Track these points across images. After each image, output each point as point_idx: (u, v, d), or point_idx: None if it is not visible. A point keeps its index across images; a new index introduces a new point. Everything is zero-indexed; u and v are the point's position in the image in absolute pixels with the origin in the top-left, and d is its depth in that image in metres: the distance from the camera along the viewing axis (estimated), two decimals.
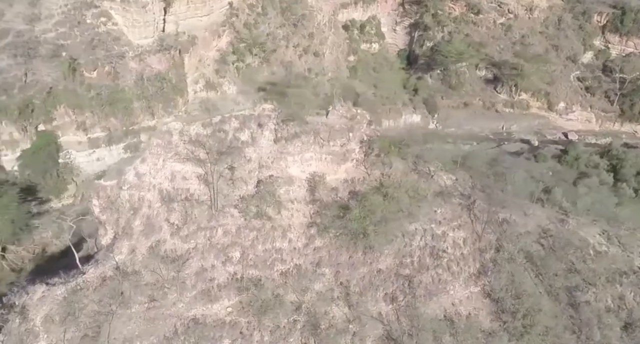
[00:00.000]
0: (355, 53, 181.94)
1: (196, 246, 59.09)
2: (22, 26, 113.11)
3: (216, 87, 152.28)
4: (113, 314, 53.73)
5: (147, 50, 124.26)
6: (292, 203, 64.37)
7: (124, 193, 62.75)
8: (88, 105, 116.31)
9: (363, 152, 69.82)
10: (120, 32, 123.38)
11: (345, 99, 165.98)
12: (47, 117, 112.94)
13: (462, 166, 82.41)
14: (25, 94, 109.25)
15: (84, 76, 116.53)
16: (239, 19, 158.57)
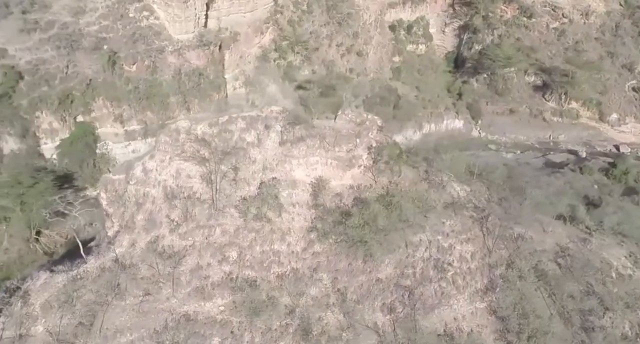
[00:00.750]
0: (401, 54, 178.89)
1: (194, 244, 59.35)
2: (67, 18, 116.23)
3: (255, 84, 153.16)
4: (108, 305, 54.72)
5: (186, 46, 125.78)
6: (293, 207, 63.55)
7: (130, 188, 63.71)
8: (126, 98, 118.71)
9: (372, 158, 68.16)
10: (161, 27, 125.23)
11: (386, 100, 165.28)
12: (85, 108, 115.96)
13: (479, 177, 79.26)
14: (65, 85, 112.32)
15: (124, 69, 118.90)
16: (283, 16, 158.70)
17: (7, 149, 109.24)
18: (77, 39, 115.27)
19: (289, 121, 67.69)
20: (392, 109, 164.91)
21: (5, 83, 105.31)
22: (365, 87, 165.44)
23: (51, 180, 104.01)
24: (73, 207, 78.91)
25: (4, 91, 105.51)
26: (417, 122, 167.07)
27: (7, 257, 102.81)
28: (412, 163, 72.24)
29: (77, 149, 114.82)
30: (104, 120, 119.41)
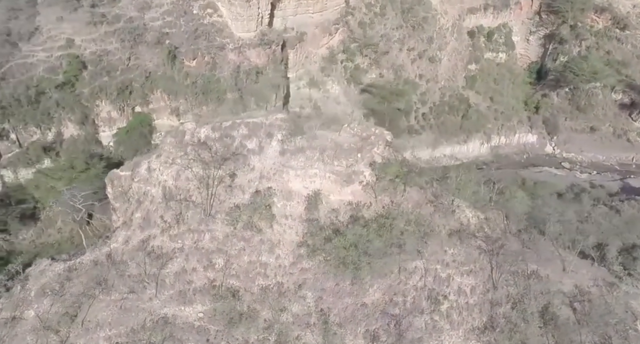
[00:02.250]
0: (477, 62, 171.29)
1: (182, 247, 59.01)
2: (134, 13, 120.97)
3: (319, 85, 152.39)
4: (94, 298, 55.63)
5: (247, 44, 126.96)
6: (285, 219, 61.29)
7: (135, 185, 64.63)
8: (183, 92, 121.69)
9: (375, 175, 64.01)
10: (224, 24, 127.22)
11: (455, 109, 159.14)
12: (144, 100, 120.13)
13: (496, 204, 71.93)
14: (126, 76, 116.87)
15: (183, 64, 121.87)
16: (354, 18, 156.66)
17: (67, 134, 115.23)
18: (141, 33, 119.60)
19: (291, 130, 65.59)
20: (460, 119, 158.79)
21: (69, 71, 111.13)
22: (434, 95, 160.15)
23: (103, 167, 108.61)
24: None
25: (68, 79, 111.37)
26: (485, 134, 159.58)
27: (60, 236, 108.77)
28: (419, 183, 67.08)
29: (132, 139, 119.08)
30: (161, 112, 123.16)
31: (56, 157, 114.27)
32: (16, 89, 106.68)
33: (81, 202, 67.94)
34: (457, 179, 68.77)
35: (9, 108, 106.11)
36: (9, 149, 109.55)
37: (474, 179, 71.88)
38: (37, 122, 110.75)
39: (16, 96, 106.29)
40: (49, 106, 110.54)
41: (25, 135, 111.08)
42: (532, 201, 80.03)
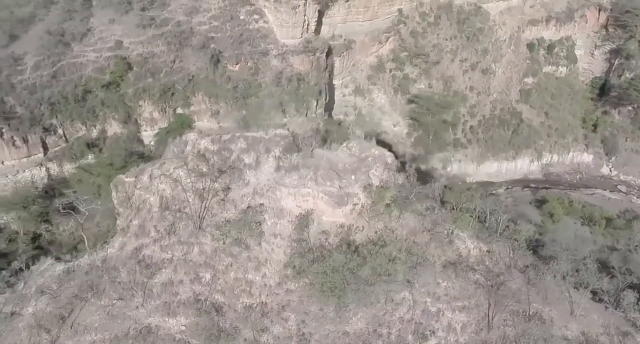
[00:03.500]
0: (535, 75, 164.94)
1: (172, 259, 59.77)
2: (182, 17, 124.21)
3: (365, 93, 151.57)
4: (87, 302, 57.51)
5: (291, 51, 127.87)
6: (275, 238, 60.55)
7: (137, 192, 66.14)
8: (224, 96, 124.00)
9: (371, 199, 61.69)
10: (269, 31, 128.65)
11: (505, 124, 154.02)
12: (185, 102, 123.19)
13: (501, 236, 66.93)
14: (169, 79, 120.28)
15: (227, 69, 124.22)
16: (407, 27, 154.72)
17: (111, 132, 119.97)
18: (188, 37, 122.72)
19: (288, 147, 64.76)
20: (510, 134, 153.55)
21: (116, 72, 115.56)
22: (485, 108, 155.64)
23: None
24: None
25: (114, 79, 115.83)
26: (537, 151, 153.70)
27: (98, 230, 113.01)
28: (418, 210, 64.05)
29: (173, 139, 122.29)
30: (202, 115, 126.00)
31: (99, 153, 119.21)
32: (65, 87, 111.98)
33: (84, 206, 70.00)
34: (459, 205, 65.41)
35: (57, 105, 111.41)
36: (56, 143, 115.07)
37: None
38: (83, 120, 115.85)
39: (65, 94, 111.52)
40: (95, 104, 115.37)
41: (72, 131, 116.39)
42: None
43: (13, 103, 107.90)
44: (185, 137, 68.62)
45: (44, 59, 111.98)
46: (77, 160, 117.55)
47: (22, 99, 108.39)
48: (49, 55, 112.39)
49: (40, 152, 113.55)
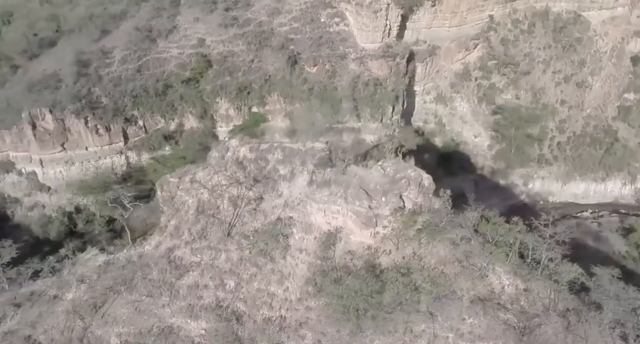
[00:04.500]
0: (637, 91, 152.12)
1: (200, 262, 60.28)
2: (264, 18, 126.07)
3: (447, 101, 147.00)
4: (119, 295, 59.56)
5: (370, 55, 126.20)
6: (300, 252, 58.91)
7: (178, 193, 67.31)
8: (299, 97, 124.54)
9: (402, 222, 57.92)
10: (349, 34, 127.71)
11: (597, 142, 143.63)
12: (260, 101, 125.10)
13: (542, 274, 59.39)
14: (246, 77, 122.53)
15: (303, 70, 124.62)
16: (497, 34, 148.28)
17: (187, 126, 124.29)
18: (267, 37, 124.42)
19: (322, 161, 62.67)
20: (602, 153, 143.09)
21: (196, 69, 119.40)
22: (576, 123, 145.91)
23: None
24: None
25: (194, 75, 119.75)
26: (630, 174, 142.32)
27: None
28: (451, 238, 59.25)
29: None
30: (276, 114, 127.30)
31: (175, 145, 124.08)
32: (147, 81, 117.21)
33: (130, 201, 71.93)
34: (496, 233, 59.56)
35: (139, 97, 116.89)
36: (136, 133, 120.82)
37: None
38: (162, 112, 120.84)
39: (146, 87, 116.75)
40: (174, 98, 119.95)
41: (151, 122, 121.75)
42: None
43: (99, 93, 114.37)
44: (227, 142, 69.03)
45: (130, 53, 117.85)
46: (155, 150, 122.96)
47: (107, 90, 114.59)
48: (135, 50, 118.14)
49: (121, 141, 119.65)
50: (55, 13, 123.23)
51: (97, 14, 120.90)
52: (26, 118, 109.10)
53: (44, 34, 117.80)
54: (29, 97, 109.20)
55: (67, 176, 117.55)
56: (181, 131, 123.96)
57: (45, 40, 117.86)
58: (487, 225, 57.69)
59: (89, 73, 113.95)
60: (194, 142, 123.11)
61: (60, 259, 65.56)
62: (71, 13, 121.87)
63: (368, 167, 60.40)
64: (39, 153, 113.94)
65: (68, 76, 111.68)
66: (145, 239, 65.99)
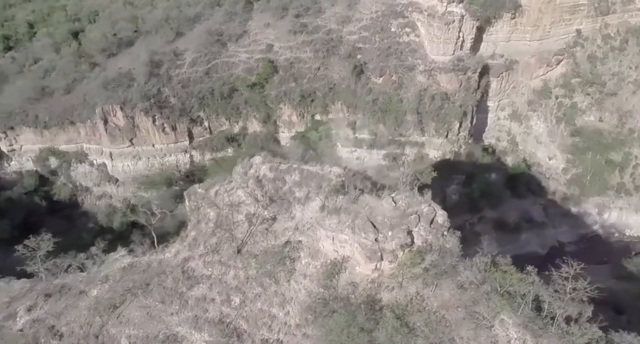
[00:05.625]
0: None
1: (210, 275, 60.44)
2: (333, 25, 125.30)
3: (522, 119, 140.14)
4: (136, 297, 61.21)
5: (439, 67, 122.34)
6: (304, 278, 57.24)
7: (203, 204, 67.90)
8: (362, 107, 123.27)
9: (409, 258, 54.24)
10: (419, 45, 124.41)
11: None
12: (323, 109, 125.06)
13: (558, 329, 52.48)
14: (311, 85, 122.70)
15: (369, 80, 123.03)
16: (584, 50, 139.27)
17: (251, 129, 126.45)
18: (335, 45, 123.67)
19: (336, 188, 60.33)
20: None
21: (262, 74, 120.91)
22: None
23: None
24: None
25: (259, 80, 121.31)
26: None
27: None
28: (459, 281, 54.45)
29: (307, 143, 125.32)
30: (339, 123, 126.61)
31: (238, 147, 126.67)
32: (215, 84, 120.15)
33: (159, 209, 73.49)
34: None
35: (205, 99, 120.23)
36: (201, 133, 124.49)
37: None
38: (227, 115, 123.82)
39: (212, 90, 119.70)
40: (239, 102, 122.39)
41: (216, 124, 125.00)
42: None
43: (168, 93, 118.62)
44: (251, 159, 68.96)
45: (200, 56, 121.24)
46: (218, 151, 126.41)
47: (176, 90, 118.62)
48: (205, 53, 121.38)
49: (186, 140, 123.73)
50: (135, 14, 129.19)
51: (172, 17, 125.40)
52: (99, 114, 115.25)
53: (123, 34, 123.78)
54: (104, 93, 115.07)
55: (133, 170, 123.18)
56: (244, 134, 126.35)
57: (123, 40, 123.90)
58: (496, 273, 53.48)
59: (160, 73, 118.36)
60: (255, 146, 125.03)
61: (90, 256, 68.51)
62: (149, 14, 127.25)
63: (381, 197, 57.81)
64: (109, 147, 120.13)
65: (140, 76, 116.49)
66: (167, 246, 67.62)
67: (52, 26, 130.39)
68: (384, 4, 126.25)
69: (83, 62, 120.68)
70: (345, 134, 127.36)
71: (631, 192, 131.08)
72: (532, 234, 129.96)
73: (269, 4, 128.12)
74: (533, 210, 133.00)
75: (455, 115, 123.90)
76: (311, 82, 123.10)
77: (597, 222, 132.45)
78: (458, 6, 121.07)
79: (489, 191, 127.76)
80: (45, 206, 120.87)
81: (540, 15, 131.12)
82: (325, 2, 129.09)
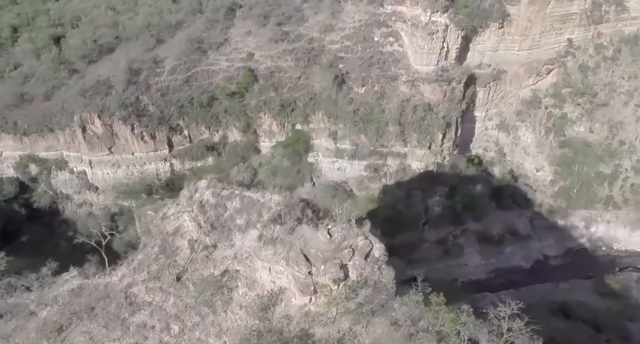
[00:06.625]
0: None
1: (151, 302, 59.51)
2: (316, 34, 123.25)
3: (510, 129, 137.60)
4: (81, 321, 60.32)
5: (422, 78, 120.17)
6: (240, 308, 56.15)
7: (150, 227, 66.91)
8: (344, 117, 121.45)
9: (343, 292, 52.49)
10: (402, 55, 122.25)
11: None
12: (304, 119, 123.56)
13: None
14: (291, 94, 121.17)
15: (351, 90, 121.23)
16: (575, 60, 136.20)
17: (231, 138, 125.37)
18: (317, 54, 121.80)
19: (275, 217, 58.65)
20: None
21: (241, 83, 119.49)
22: None
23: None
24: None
25: (239, 89, 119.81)
26: None
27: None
28: (393, 318, 52.50)
29: (288, 153, 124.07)
30: (320, 133, 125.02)
31: (218, 156, 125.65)
32: (194, 92, 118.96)
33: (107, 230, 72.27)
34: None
35: (185, 108, 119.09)
36: (181, 142, 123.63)
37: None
38: (207, 124, 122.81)
39: (192, 99, 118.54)
40: (219, 111, 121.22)
41: (196, 133, 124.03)
42: None
43: (146, 102, 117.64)
44: (197, 183, 67.62)
45: (180, 64, 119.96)
46: (198, 160, 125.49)
47: (155, 99, 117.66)
48: (185, 61, 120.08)
49: (166, 149, 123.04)
50: (117, 20, 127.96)
51: (153, 23, 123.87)
52: (77, 121, 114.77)
53: (104, 40, 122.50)
54: (82, 101, 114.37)
55: (113, 178, 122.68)
56: (224, 143, 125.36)
57: (104, 46, 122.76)
58: (429, 312, 51.69)
59: (139, 81, 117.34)
60: (236, 155, 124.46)
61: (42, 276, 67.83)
62: (130, 21, 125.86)
63: (318, 228, 56.12)
64: (88, 155, 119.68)
65: (119, 83, 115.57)
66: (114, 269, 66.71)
67: (35, 31, 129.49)
68: (367, 13, 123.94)
69: (62, 69, 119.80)
70: (326, 144, 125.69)
71: (619, 205, 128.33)
72: (516, 247, 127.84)
73: (251, 12, 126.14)
74: (518, 222, 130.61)
75: (438, 126, 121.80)
76: (292, 92, 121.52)
77: (584, 235, 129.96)
78: (442, 16, 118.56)
79: (472, 203, 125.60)
80: (25, 214, 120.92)
81: (530, 24, 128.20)
82: (308, 11, 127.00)
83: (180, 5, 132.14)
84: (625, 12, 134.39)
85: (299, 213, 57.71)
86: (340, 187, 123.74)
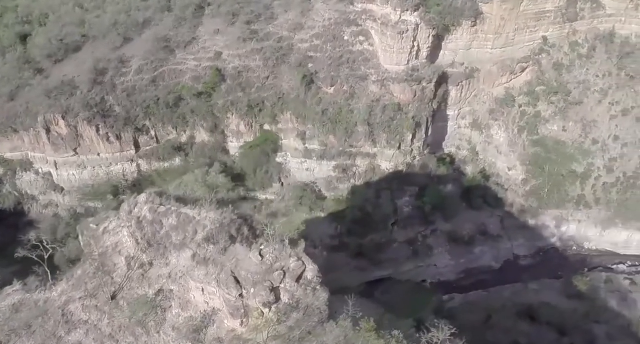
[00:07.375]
0: None
1: (87, 321, 58.77)
2: (285, 33, 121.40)
3: (483, 128, 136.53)
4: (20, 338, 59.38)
5: (392, 78, 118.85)
6: (173, 330, 55.57)
7: (92, 241, 65.72)
8: (312, 118, 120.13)
9: (275, 316, 51.65)
10: (372, 54, 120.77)
11: None
12: (272, 119, 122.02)
13: None
14: (259, 94, 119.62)
15: (320, 90, 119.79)
16: (550, 57, 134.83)
17: (199, 139, 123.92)
18: (286, 54, 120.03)
19: (209, 236, 57.46)
20: None
21: (208, 83, 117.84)
22: (629, 163, 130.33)
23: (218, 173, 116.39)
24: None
25: (206, 89, 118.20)
26: None
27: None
28: (324, 342, 51.58)
29: (256, 154, 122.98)
30: (288, 133, 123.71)
31: (186, 157, 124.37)
32: (161, 92, 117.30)
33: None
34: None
35: (151, 108, 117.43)
36: (147, 143, 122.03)
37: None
38: (173, 124, 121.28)
39: (158, 99, 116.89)
40: (186, 111, 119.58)
41: (163, 133, 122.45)
42: None
43: (112, 102, 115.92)
44: (136, 198, 66.26)
45: (147, 63, 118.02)
46: (165, 160, 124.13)
47: (120, 99, 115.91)
48: (152, 60, 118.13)
49: (132, 149, 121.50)
50: (84, 18, 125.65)
51: (121, 22, 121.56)
52: (41, 123, 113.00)
53: (70, 39, 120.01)
54: (46, 102, 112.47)
55: (79, 179, 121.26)
56: (192, 144, 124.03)
57: (70, 45, 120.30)
58: (360, 338, 51.01)
59: (104, 81, 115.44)
60: (204, 156, 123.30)
61: None
62: (97, 19, 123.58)
63: (252, 249, 54.94)
64: (53, 156, 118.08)
65: (84, 84, 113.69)
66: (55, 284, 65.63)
67: (1, 29, 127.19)
68: (337, 12, 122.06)
69: (27, 69, 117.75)
70: (295, 144, 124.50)
71: (591, 204, 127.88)
72: (486, 247, 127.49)
73: (219, 10, 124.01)
74: (489, 222, 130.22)
75: (408, 126, 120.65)
76: (260, 92, 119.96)
77: (555, 235, 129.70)
78: (413, 15, 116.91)
79: (442, 203, 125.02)
80: None
81: (503, 22, 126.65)
82: (278, 9, 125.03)
83: (148, 3, 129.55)
84: (600, 9, 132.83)
85: (233, 232, 56.59)
86: (308, 188, 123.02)
